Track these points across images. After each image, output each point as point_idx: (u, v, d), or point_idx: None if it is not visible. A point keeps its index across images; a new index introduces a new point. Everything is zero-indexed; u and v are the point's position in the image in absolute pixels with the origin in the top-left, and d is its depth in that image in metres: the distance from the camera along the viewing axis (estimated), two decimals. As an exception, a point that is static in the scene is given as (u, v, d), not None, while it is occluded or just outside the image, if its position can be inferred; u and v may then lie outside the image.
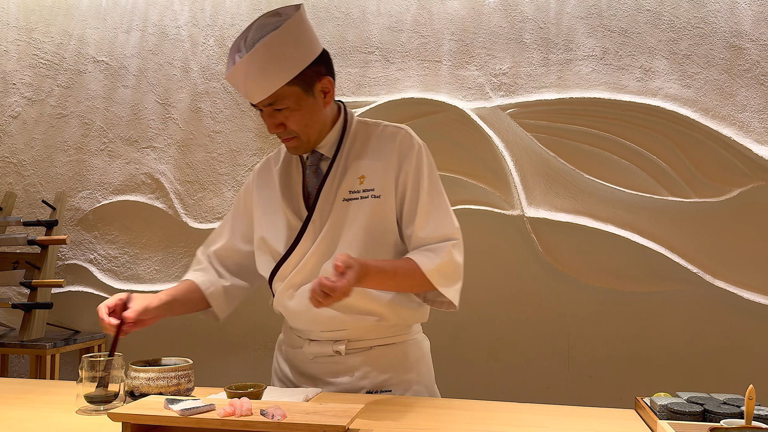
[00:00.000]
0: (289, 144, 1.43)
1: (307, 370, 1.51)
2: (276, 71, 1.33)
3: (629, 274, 2.37)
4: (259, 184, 1.56)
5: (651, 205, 2.36)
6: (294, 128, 1.39)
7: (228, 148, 2.63)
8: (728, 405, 1.27)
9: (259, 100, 1.36)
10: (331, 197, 1.43)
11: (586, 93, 2.41)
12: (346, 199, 1.43)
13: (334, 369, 1.48)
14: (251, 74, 1.33)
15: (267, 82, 1.33)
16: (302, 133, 1.40)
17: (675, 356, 2.34)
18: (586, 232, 2.39)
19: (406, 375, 1.50)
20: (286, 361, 1.57)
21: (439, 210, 1.44)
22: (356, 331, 1.46)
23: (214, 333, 2.63)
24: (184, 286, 1.55)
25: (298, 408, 1.20)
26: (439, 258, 1.39)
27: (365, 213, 1.42)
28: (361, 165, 1.44)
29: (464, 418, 1.30)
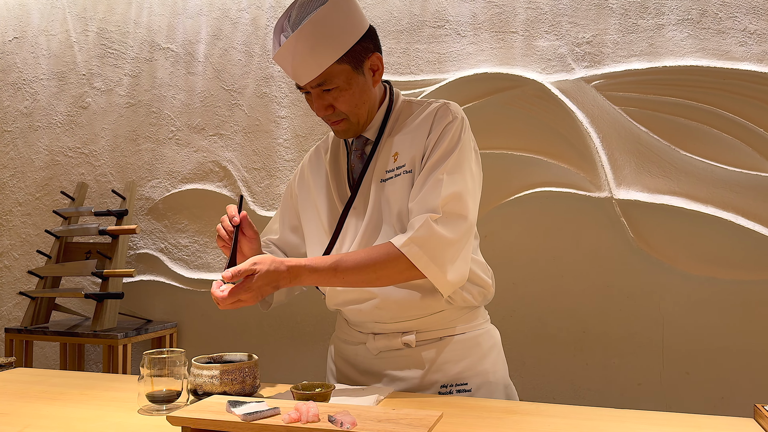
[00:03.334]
0: (338, 127, 1.36)
1: (372, 368, 1.42)
2: (325, 48, 1.27)
3: (732, 261, 2.14)
4: (310, 173, 1.51)
5: (757, 184, 2.11)
6: (344, 109, 1.33)
7: (294, 133, 2.55)
8: None
9: (308, 81, 1.29)
10: (373, 179, 1.37)
11: (681, 61, 2.18)
12: (383, 179, 1.36)
13: (403, 363, 1.39)
14: (299, 53, 1.26)
15: (316, 61, 1.27)
16: (352, 114, 1.34)
17: (787, 352, 2.10)
18: (683, 215, 2.16)
19: (482, 365, 1.40)
20: (347, 361, 1.48)
21: (441, 183, 1.28)
22: (425, 320, 1.37)
23: (284, 324, 2.57)
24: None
25: (369, 413, 1.08)
26: (413, 230, 1.27)
27: (400, 190, 1.34)
28: (395, 141, 1.37)
29: (553, 427, 1.15)
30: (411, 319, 1.37)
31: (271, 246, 1.58)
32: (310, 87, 1.31)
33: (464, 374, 1.38)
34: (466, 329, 1.40)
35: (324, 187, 1.45)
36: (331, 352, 1.55)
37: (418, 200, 1.30)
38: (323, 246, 1.43)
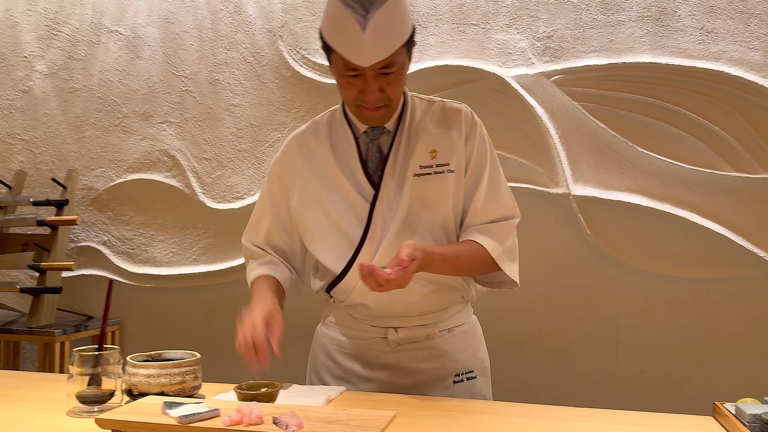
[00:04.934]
0: (378, 113, 1.32)
1: (387, 361, 1.40)
2: (400, 29, 1.26)
3: (687, 259, 2.14)
4: (306, 165, 1.41)
5: (713, 182, 2.12)
6: (392, 94, 1.30)
7: (248, 122, 2.45)
8: (835, 416, 1.05)
9: (378, 60, 1.24)
10: (398, 173, 1.35)
11: (639, 57, 2.17)
12: (417, 174, 1.35)
13: (421, 355, 1.40)
14: (379, 32, 1.22)
15: (392, 41, 1.25)
16: (395, 100, 1.32)
17: (737, 349, 2.11)
18: (640, 212, 2.16)
19: (479, 353, 1.49)
20: (352, 356, 1.42)
21: (501, 187, 1.41)
22: (440, 313, 1.41)
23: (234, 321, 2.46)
24: (271, 283, 1.43)
25: (317, 414, 1.01)
26: (504, 239, 1.37)
27: (443, 188, 1.37)
28: (431, 139, 1.37)
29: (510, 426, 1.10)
30: (431, 312, 1.39)
31: (267, 255, 1.48)
32: (372, 69, 1.25)
33: (469, 362, 1.44)
34: (465, 320, 1.46)
35: (332, 179, 1.37)
36: (325, 349, 1.47)
37: (484, 205, 1.38)
38: (347, 241, 1.36)
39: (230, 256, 2.46)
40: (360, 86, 1.28)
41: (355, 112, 1.33)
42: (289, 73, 2.39)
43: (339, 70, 1.29)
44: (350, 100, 1.31)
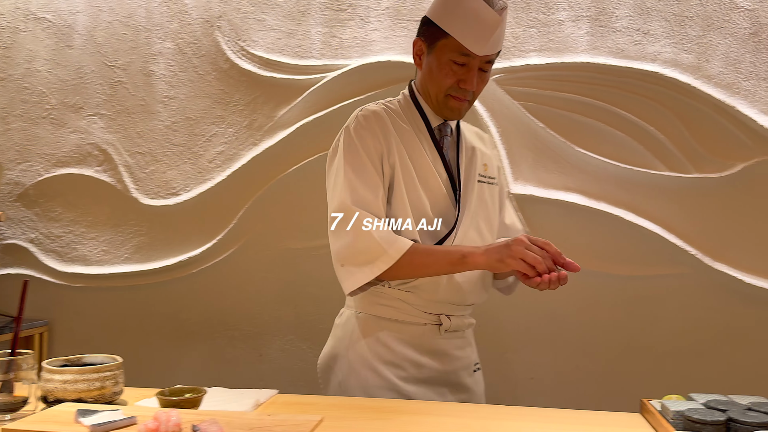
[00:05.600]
0: (461, 106, 1.42)
1: (437, 346, 1.44)
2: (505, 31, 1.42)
3: (622, 257, 2.18)
4: (398, 137, 1.41)
5: (647, 181, 2.16)
6: (479, 89, 1.42)
7: (183, 115, 2.38)
8: (754, 411, 1.07)
9: (493, 51, 1.38)
10: (469, 175, 1.47)
11: (578, 57, 2.19)
12: (480, 181, 1.49)
13: (460, 343, 1.48)
14: (503, 26, 1.37)
15: (503, 38, 1.41)
16: (476, 97, 1.44)
17: (671, 345, 2.16)
18: (577, 210, 2.18)
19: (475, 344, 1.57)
20: (407, 342, 1.42)
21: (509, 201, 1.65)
22: (477, 306, 1.51)
23: (167, 323, 2.39)
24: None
25: (241, 421, 0.98)
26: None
27: (492, 199, 1.52)
28: (482, 153, 1.52)
29: (442, 427, 1.08)
30: (473, 303, 1.49)
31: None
32: (482, 60, 1.37)
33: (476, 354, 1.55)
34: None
35: (423, 163, 1.40)
36: (375, 335, 1.42)
37: (513, 221, 1.61)
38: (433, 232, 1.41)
39: (165, 255, 2.38)
40: (461, 75, 1.37)
41: (442, 102, 1.41)
42: (228, 65, 2.33)
43: (446, 56, 1.37)
44: (444, 88, 1.39)
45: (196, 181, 2.35)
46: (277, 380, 2.33)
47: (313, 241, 2.28)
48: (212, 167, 2.34)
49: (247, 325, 2.36)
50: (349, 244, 1.31)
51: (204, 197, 2.33)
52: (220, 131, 2.33)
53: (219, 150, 2.34)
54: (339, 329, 1.49)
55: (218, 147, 2.34)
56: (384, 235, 1.30)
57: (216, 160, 2.34)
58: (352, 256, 1.32)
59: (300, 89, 2.26)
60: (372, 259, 1.30)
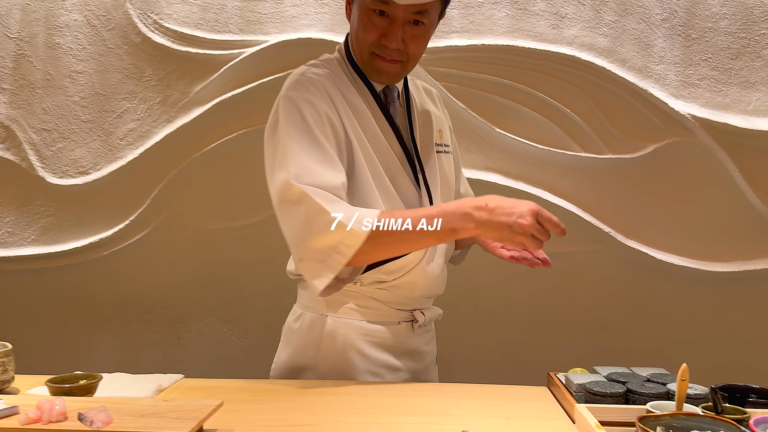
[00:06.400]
0: (392, 68, 1.25)
1: (411, 346, 1.34)
2: None
3: (540, 235, 2.22)
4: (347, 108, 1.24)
5: (564, 162, 2.21)
6: (412, 51, 1.24)
7: (92, 90, 2.25)
8: (652, 383, 1.11)
9: (416, 1, 1.19)
10: (427, 148, 1.34)
11: (498, 40, 2.20)
12: (438, 151, 1.37)
13: (428, 338, 1.41)
14: None
15: None
16: (412, 59, 1.26)
17: (585, 320, 2.23)
18: (496, 190, 2.20)
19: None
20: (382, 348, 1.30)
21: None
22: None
23: (79, 307, 2.29)
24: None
25: (133, 407, 0.93)
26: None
27: (451, 167, 1.41)
28: (434, 117, 1.39)
29: (347, 407, 1.07)
30: (439, 294, 1.42)
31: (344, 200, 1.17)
32: (404, 11, 1.20)
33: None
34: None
35: (377, 139, 1.25)
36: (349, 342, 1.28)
37: (467, 189, 1.54)
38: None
39: (74, 236, 2.27)
40: (383, 29, 1.21)
41: (367, 61, 1.24)
42: (139, 38, 2.22)
43: (364, 6, 1.21)
44: (367, 45, 1.22)
45: (107, 160, 2.24)
46: (196, 364, 2.27)
47: (233, 222, 2.23)
48: (124, 145, 2.24)
49: (164, 308, 2.28)
50: (302, 231, 1.09)
51: (115, 176, 2.23)
52: (131, 107, 2.23)
53: (131, 127, 2.23)
54: (300, 336, 1.31)
55: (130, 124, 2.23)
56: (341, 208, 1.09)
57: (128, 137, 2.24)
58: (309, 247, 1.09)
59: (216, 65, 2.18)
60: (333, 243, 1.07)
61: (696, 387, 1.07)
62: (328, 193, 1.10)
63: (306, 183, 1.10)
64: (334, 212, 1.08)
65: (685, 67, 2.17)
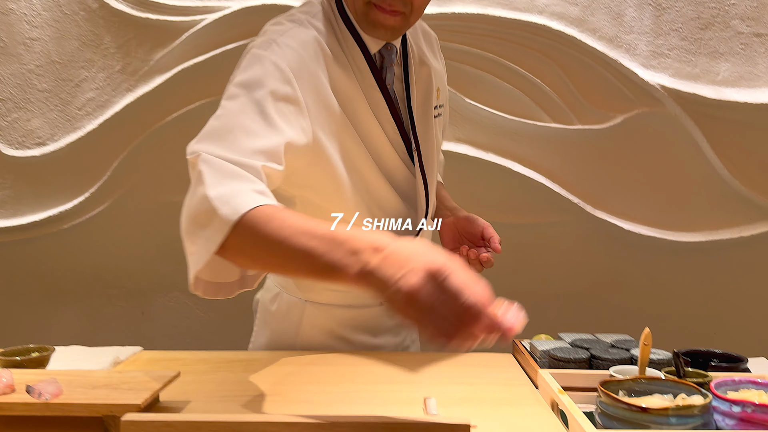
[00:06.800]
0: (391, 21, 1.05)
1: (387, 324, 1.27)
2: None
3: (509, 206, 2.22)
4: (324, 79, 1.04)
5: (534, 133, 2.20)
6: (417, 3, 1.07)
7: (48, 58, 2.17)
8: (616, 348, 1.11)
9: None
10: (423, 116, 1.16)
11: (468, 8, 2.16)
12: (436, 116, 1.20)
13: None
14: None
15: None
16: (416, 11, 1.08)
17: (554, 291, 2.24)
18: (466, 162, 2.19)
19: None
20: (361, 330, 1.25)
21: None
22: None
23: (39, 280, 2.23)
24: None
25: (85, 379, 0.90)
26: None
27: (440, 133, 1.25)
28: (433, 73, 1.20)
29: (308, 376, 1.05)
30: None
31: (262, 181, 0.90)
32: None
33: None
34: None
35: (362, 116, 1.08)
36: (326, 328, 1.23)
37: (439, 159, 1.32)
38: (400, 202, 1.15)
39: (32, 209, 2.19)
40: None
41: (362, 13, 1.05)
42: (97, 4, 2.13)
43: None
44: None
45: (65, 130, 2.17)
46: (161, 338, 2.24)
47: (197, 194, 2.18)
48: (83, 115, 2.16)
49: (127, 282, 2.23)
50: (185, 209, 0.87)
51: (74, 147, 2.16)
52: (90, 76, 2.15)
53: (90, 96, 2.16)
54: (279, 320, 1.25)
55: (89, 93, 2.16)
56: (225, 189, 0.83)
57: (86, 107, 2.16)
58: (186, 228, 0.86)
59: (177, 32, 2.11)
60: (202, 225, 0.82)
61: (659, 352, 1.07)
62: (229, 165, 0.86)
63: (208, 149, 0.88)
64: (212, 190, 0.83)
65: (655, 37, 2.16)
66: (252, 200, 0.82)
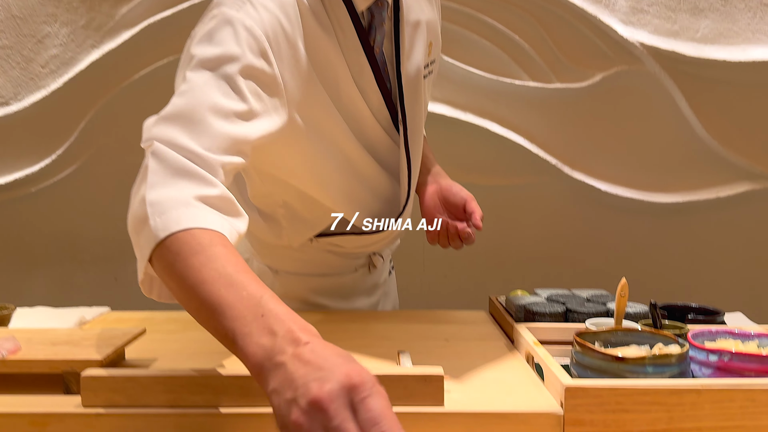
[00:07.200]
0: None
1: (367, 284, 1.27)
2: None
3: (486, 167, 2.19)
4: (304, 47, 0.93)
5: (512, 92, 2.16)
6: None
7: (8, 13, 2.07)
8: (592, 303, 1.10)
9: None
10: (412, 80, 1.04)
11: (446, -38, 2.11)
12: (425, 75, 1.08)
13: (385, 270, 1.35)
14: None
15: None
16: None
17: (532, 253, 2.23)
18: (444, 122, 2.15)
19: None
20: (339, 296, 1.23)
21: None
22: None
23: (5, 246, 2.17)
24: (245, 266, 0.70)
25: (45, 337, 0.87)
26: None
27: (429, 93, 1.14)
28: (427, 26, 1.07)
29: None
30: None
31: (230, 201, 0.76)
32: None
33: None
34: None
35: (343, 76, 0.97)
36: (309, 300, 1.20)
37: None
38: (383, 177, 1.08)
39: (-4, 172, 2.13)
40: None
41: None
42: (58, -45, 2.04)
43: None
44: None
45: (29, 89, 2.09)
46: (134, 304, 2.18)
47: (169, 156, 2.12)
48: (46, 73, 2.08)
49: (99, 247, 2.18)
50: (131, 204, 0.76)
51: (39, 107, 2.08)
52: (53, 31, 2.06)
53: (53, 53, 2.07)
54: None
55: (52, 50, 2.07)
56: (166, 192, 0.72)
57: (50, 64, 2.08)
58: (129, 226, 0.76)
59: (144, -16, 2.03)
60: (137, 230, 0.73)
61: (635, 305, 1.06)
62: (182, 160, 0.74)
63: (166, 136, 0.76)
64: (152, 193, 0.72)
65: (634, -8, 2.13)
66: (188, 217, 0.69)
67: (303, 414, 0.50)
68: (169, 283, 0.68)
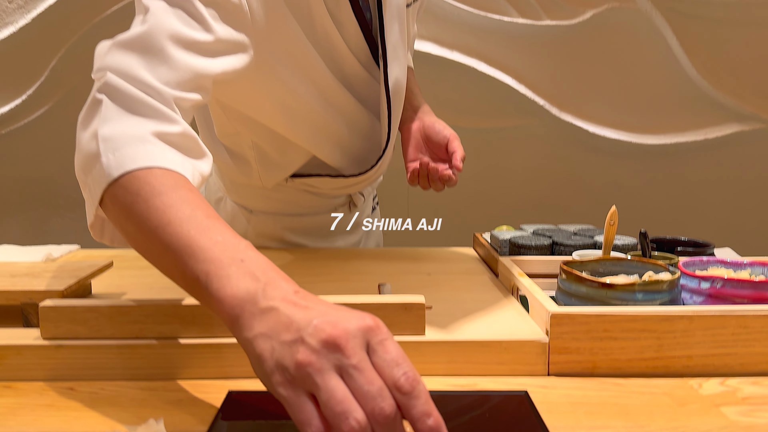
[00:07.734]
0: None
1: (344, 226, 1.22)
2: None
3: (474, 109, 2.14)
4: None
5: (501, 30, 2.09)
6: None
7: (-31, -57, 1.96)
8: (579, 236, 1.06)
9: None
10: (395, 7, 0.96)
11: None
12: (410, 3, 1.02)
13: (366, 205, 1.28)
14: None
15: None
16: None
17: (517, 195, 2.20)
18: (430, 61, 2.09)
19: None
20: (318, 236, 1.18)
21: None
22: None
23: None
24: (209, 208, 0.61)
25: (7, 269, 0.83)
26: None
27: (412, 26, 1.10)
28: None
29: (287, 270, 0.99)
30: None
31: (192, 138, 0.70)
32: None
33: None
34: None
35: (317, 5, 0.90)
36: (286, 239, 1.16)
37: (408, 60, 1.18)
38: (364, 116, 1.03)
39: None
40: None
41: None
42: None
43: None
44: None
45: None
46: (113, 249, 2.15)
47: (144, 97, 2.04)
48: (13, 8, 1.98)
49: (74, 192, 2.12)
50: (77, 139, 0.70)
51: (6, 45, 1.99)
52: (17, -36, 1.96)
53: (18, -14, 1.98)
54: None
55: (16, -17, 1.97)
56: (120, 129, 0.65)
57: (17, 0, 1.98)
58: (76, 166, 0.70)
59: None
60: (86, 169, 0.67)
61: (624, 238, 1.03)
62: (138, 93, 0.68)
63: (121, 65, 0.69)
64: (104, 127, 0.65)
65: (628, -75, 2.04)
66: (145, 155, 0.62)
67: (313, 353, 0.44)
68: (126, 225, 0.61)
